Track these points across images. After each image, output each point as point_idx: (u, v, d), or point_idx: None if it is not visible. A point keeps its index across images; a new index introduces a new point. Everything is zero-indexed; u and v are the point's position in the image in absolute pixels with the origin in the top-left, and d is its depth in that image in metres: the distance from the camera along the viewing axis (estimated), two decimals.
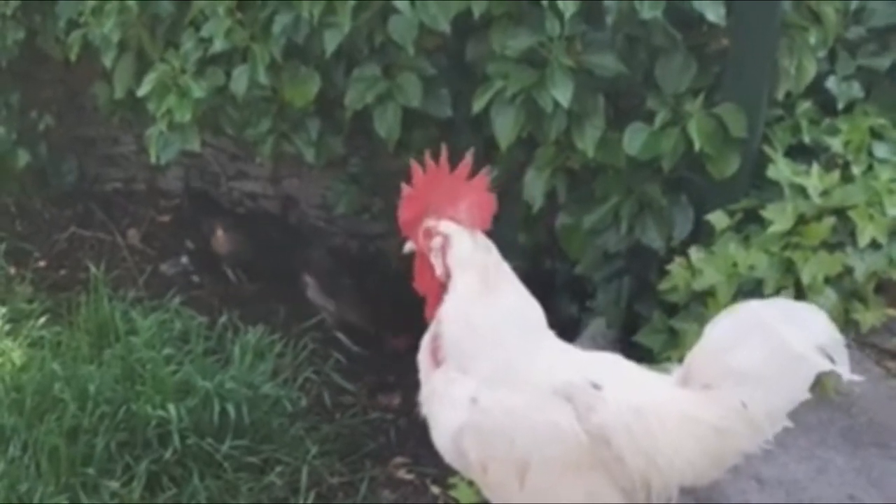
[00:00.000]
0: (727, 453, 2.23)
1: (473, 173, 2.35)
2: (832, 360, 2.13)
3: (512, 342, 2.28)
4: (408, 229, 2.36)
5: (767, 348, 2.14)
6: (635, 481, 2.22)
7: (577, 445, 2.20)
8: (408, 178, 2.37)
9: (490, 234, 2.38)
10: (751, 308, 2.25)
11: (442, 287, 2.31)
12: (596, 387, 2.23)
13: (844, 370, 2.15)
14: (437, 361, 2.31)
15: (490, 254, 2.31)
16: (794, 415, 2.25)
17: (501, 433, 2.22)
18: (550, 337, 2.36)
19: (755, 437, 2.20)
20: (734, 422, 2.17)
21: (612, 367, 2.34)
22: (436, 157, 2.33)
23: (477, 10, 3.44)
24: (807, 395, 2.17)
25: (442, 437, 2.31)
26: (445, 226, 2.30)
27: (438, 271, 2.30)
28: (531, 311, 2.33)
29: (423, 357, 2.36)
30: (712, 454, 2.22)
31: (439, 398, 2.29)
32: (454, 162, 2.35)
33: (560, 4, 3.32)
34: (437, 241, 2.30)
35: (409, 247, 2.38)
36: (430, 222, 2.32)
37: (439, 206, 2.32)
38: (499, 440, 2.23)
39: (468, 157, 2.34)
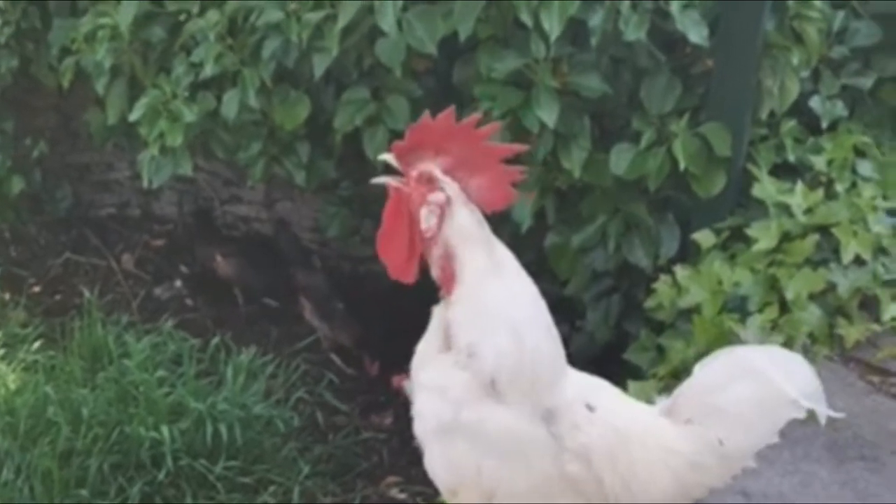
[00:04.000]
0: (696, 486, 2.25)
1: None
2: (813, 407, 2.16)
3: (526, 334, 2.20)
4: (403, 152, 2.19)
5: (756, 392, 2.16)
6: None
7: (547, 480, 2.22)
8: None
9: None
10: (742, 353, 2.28)
11: (419, 240, 2.17)
12: (590, 408, 2.24)
13: (822, 417, 2.18)
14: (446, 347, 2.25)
15: (486, 228, 2.19)
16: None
17: (469, 461, 2.21)
18: None
19: (724, 474, 2.23)
20: (708, 457, 2.20)
21: (601, 390, 2.35)
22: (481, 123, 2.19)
23: (463, 33, 3.48)
24: (776, 438, 2.20)
25: (421, 429, 2.29)
26: (450, 186, 2.16)
27: (425, 225, 2.16)
28: (537, 294, 2.25)
29: (430, 343, 2.31)
30: (684, 486, 2.23)
31: (432, 390, 2.26)
32: None
33: (545, 26, 3.36)
34: (437, 197, 2.16)
35: (380, 180, 2.23)
36: (435, 170, 2.17)
37: (455, 163, 2.17)
38: (466, 467, 2.22)
39: (517, 146, 2.24)
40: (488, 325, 2.18)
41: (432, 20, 3.53)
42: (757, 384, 2.16)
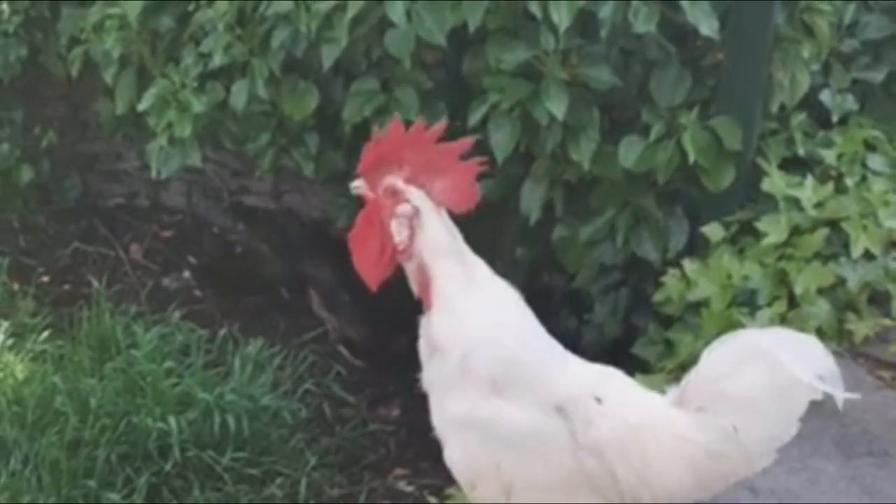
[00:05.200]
0: (716, 477, 2.23)
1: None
2: (827, 390, 2.14)
3: (513, 340, 2.25)
4: (367, 172, 2.24)
5: (767, 376, 2.14)
6: (625, 498, 2.23)
7: (565, 473, 2.21)
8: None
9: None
10: (749, 336, 2.27)
11: (392, 251, 2.22)
12: (598, 400, 2.24)
13: (839, 400, 2.17)
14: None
15: (457, 238, 2.24)
16: None
17: (487, 454, 2.22)
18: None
19: (745, 464, 2.20)
20: (725, 445, 2.18)
21: (611, 382, 2.35)
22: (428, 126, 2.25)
23: (472, 24, 3.47)
24: (797, 428, 2.18)
25: (440, 422, 2.30)
26: (416, 195, 2.21)
27: (397, 238, 2.21)
28: (519, 300, 2.28)
29: (423, 347, 2.33)
30: (701, 476, 2.21)
31: (443, 387, 2.27)
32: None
33: (555, 18, 3.36)
34: (404, 209, 2.20)
35: (357, 188, 2.27)
36: (398, 182, 2.22)
37: (415, 171, 2.22)
38: (485, 461, 2.23)
39: (468, 140, 2.28)
40: (471, 339, 2.21)
41: (441, 11, 3.52)
42: (766, 368, 2.14)
